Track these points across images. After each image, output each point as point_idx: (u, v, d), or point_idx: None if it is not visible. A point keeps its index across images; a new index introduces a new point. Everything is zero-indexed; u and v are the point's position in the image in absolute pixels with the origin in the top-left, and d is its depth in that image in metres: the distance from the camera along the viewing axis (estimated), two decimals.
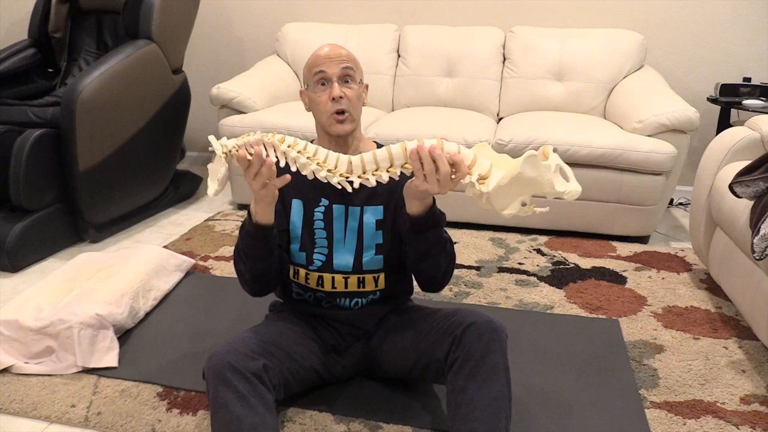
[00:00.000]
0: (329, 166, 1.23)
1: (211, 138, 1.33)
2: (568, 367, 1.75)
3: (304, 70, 1.47)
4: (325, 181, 1.25)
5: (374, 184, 1.23)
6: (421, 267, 1.43)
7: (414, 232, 1.35)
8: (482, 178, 1.16)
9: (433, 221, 1.34)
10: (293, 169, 1.26)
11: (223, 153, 1.29)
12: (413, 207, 1.31)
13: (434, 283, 1.47)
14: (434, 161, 1.17)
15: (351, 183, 1.23)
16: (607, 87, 3.06)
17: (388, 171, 1.22)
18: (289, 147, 1.24)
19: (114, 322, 1.82)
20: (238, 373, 1.26)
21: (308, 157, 1.24)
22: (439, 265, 1.41)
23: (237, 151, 1.26)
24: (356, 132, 1.48)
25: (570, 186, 1.12)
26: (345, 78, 1.42)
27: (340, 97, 1.40)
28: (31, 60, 3.01)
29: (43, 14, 3.03)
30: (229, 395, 1.25)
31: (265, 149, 1.25)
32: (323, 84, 1.42)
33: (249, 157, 1.24)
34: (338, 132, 1.43)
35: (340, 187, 1.24)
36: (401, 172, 1.23)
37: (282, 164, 1.26)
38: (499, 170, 1.16)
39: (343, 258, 1.49)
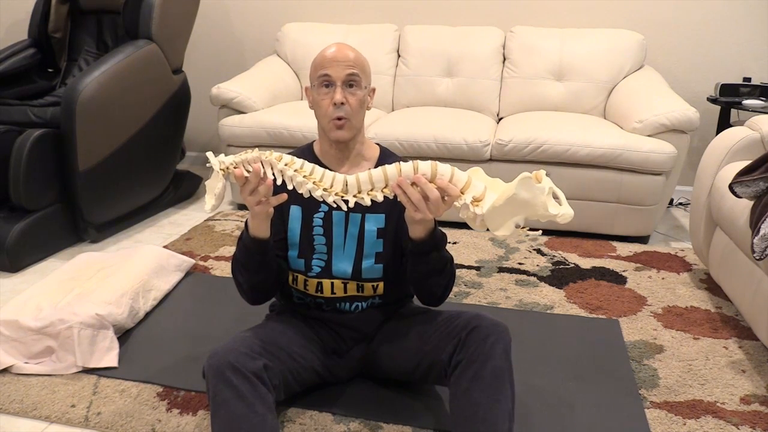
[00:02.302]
0: (325, 185, 1.26)
1: (209, 154, 1.34)
2: (568, 367, 1.75)
3: (311, 68, 1.46)
4: (321, 200, 1.27)
5: (369, 203, 1.25)
6: (422, 285, 1.43)
7: (416, 254, 1.36)
8: (476, 200, 1.18)
9: (435, 244, 1.35)
10: (290, 187, 1.27)
11: (220, 169, 1.31)
12: (415, 231, 1.32)
13: (434, 299, 1.47)
14: (423, 188, 1.19)
15: (346, 202, 1.26)
16: (607, 87, 3.06)
17: (382, 191, 1.25)
18: (286, 165, 1.26)
19: (114, 322, 1.82)
20: (239, 373, 1.26)
21: (305, 176, 1.26)
22: (439, 284, 1.42)
23: (234, 168, 1.27)
24: (358, 137, 1.47)
25: (563, 209, 1.15)
26: (349, 83, 1.40)
27: (342, 104, 1.39)
28: (31, 60, 3.01)
29: (43, 14, 3.03)
30: (230, 394, 1.24)
31: (263, 167, 1.26)
32: (327, 86, 1.41)
33: (246, 175, 1.26)
34: (336, 138, 1.42)
35: (335, 206, 1.26)
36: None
37: (279, 182, 1.28)
38: (493, 193, 1.18)
39: (342, 264, 1.49)
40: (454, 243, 2.62)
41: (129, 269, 2.07)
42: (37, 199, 2.47)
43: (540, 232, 1.23)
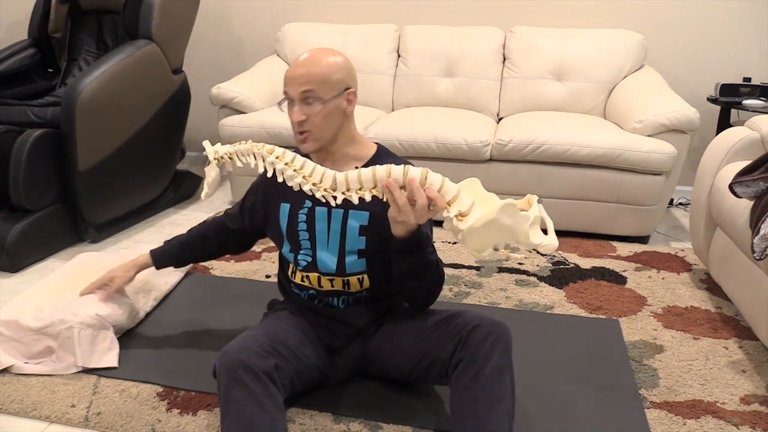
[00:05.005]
0: (314, 180, 1.27)
1: (206, 143, 1.38)
2: (568, 366, 1.75)
3: None
4: (310, 193, 1.29)
5: (357, 201, 1.27)
6: (405, 286, 1.43)
7: (398, 254, 1.36)
8: (461, 215, 1.18)
9: (417, 244, 1.34)
10: (279, 180, 1.29)
11: (214, 158, 1.33)
12: (397, 230, 1.32)
13: (418, 303, 1.48)
14: (412, 192, 1.20)
15: (335, 198, 1.27)
16: (607, 87, 3.06)
17: (371, 191, 1.25)
18: (276, 158, 1.29)
19: (114, 322, 1.82)
20: (250, 372, 1.27)
21: (295, 170, 1.28)
22: (422, 287, 1.42)
23: (228, 158, 1.35)
24: (331, 147, 1.46)
25: (546, 239, 1.14)
26: (306, 99, 1.40)
27: (300, 120, 1.40)
28: (31, 60, 3.01)
29: (43, 14, 3.03)
30: (241, 394, 1.25)
31: (254, 158, 1.31)
32: (291, 102, 1.43)
33: (239, 164, 1.35)
34: (303, 150, 1.45)
35: (324, 201, 1.28)
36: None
37: (269, 174, 1.31)
38: (480, 210, 1.18)
39: (327, 259, 1.49)
40: (454, 243, 2.62)
41: None
42: (37, 199, 2.47)
43: (523, 256, 1.24)
